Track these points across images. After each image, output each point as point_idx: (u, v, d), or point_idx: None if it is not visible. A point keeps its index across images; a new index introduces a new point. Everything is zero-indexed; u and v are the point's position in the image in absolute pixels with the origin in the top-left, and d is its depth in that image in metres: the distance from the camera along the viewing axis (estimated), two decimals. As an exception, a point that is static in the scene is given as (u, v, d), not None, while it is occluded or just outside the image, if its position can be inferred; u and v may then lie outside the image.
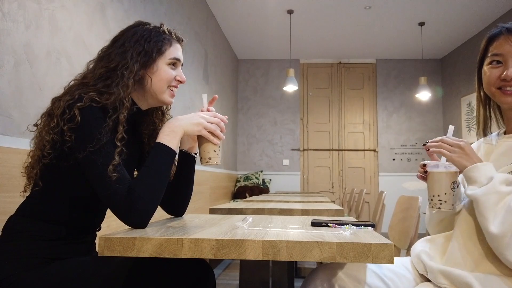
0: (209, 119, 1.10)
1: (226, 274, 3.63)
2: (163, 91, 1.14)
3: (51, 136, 1.00)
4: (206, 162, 1.11)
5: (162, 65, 1.13)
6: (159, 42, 1.12)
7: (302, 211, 1.73)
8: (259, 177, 6.06)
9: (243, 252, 0.77)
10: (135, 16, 2.70)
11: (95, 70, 1.08)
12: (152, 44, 1.10)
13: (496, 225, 0.90)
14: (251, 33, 5.58)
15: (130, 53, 1.08)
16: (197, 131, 1.08)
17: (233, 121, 6.26)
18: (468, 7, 4.74)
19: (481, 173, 0.96)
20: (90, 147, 0.95)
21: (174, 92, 1.18)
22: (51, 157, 1.01)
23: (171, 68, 1.15)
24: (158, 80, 1.12)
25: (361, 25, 5.29)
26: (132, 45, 1.09)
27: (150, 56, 1.10)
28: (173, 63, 1.16)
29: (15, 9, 1.59)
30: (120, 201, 0.94)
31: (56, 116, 0.99)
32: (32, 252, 1.01)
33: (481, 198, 0.93)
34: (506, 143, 1.07)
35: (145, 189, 0.96)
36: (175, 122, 1.07)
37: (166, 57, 1.13)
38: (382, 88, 6.57)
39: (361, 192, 3.41)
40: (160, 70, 1.12)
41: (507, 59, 1.01)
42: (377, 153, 6.46)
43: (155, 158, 1.01)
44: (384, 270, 1.13)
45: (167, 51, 1.14)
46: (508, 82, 1.01)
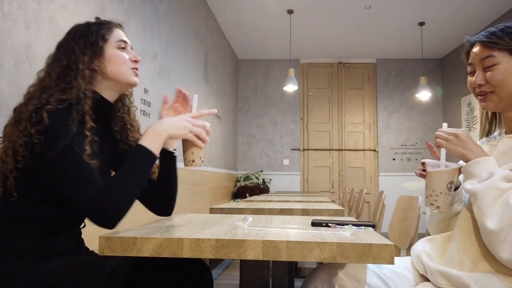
0: (194, 122, 1.10)
1: (226, 274, 3.63)
2: (124, 73, 1.16)
3: (23, 139, 1.01)
4: (190, 164, 1.10)
5: (111, 51, 1.15)
6: (100, 31, 1.15)
7: (302, 211, 1.73)
8: (259, 177, 6.06)
9: (243, 252, 0.77)
10: (135, 16, 2.70)
11: (51, 73, 1.10)
12: (94, 34, 1.14)
13: (493, 221, 0.90)
14: (251, 33, 5.58)
15: (77, 48, 1.11)
16: (183, 134, 1.08)
17: (233, 121, 6.26)
18: (468, 7, 4.74)
19: (482, 167, 0.96)
20: (60, 147, 0.95)
21: (136, 72, 1.20)
22: (28, 159, 1.01)
23: (121, 51, 1.18)
24: (113, 65, 1.15)
25: (361, 25, 5.29)
26: (76, 41, 1.13)
27: (96, 45, 1.12)
28: (121, 46, 1.18)
29: (15, 9, 1.59)
30: (92, 201, 0.93)
31: (24, 119, 1.00)
32: (17, 252, 1.01)
33: (480, 193, 0.93)
34: (507, 143, 1.07)
35: (120, 192, 0.95)
36: (160, 125, 1.07)
37: (111, 42, 1.16)
38: (382, 88, 6.57)
39: (361, 192, 3.41)
40: (112, 55, 1.15)
41: (474, 68, 1.08)
42: (377, 153, 6.46)
43: (134, 160, 1.01)
44: (384, 270, 1.13)
45: (111, 37, 1.16)
46: (480, 89, 1.06)
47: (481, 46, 1.06)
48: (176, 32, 3.53)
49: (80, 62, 1.09)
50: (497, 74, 1.02)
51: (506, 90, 1.02)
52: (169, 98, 1.26)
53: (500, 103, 1.05)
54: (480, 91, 1.07)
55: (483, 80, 1.05)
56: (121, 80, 1.16)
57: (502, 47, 1.02)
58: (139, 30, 2.76)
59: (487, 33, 1.05)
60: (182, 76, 3.71)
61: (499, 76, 1.02)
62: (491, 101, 1.05)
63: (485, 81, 1.04)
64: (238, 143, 6.54)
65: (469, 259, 1.00)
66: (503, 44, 1.02)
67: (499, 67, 1.02)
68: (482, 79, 1.05)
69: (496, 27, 1.05)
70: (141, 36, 2.79)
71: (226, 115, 5.67)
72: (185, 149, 1.12)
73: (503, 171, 0.94)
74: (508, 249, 0.88)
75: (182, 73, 3.71)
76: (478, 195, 0.94)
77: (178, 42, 3.60)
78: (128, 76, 1.17)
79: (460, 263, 1.01)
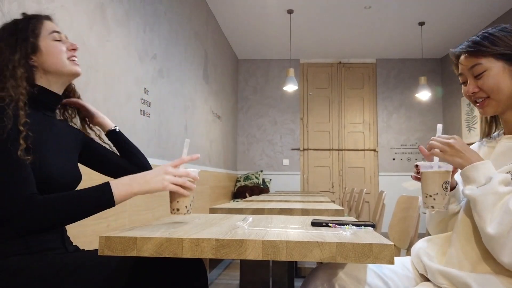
0: (175, 172, 1.03)
1: (226, 274, 3.63)
2: (63, 65, 1.16)
3: None
4: (174, 213, 1.03)
5: (46, 43, 1.14)
6: (30, 26, 1.14)
7: (302, 211, 1.73)
8: (259, 177, 6.06)
9: (243, 252, 0.77)
10: (135, 16, 2.70)
11: None
12: (24, 31, 1.13)
13: (493, 226, 0.90)
14: (251, 33, 5.58)
15: (6, 48, 1.10)
16: (161, 188, 1.01)
17: (233, 121, 6.26)
18: (468, 7, 4.74)
19: (479, 172, 0.96)
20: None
21: (75, 61, 1.19)
22: None
23: (57, 42, 1.16)
24: (51, 57, 1.14)
25: (361, 25, 5.29)
26: (5, 40, 1.12)
27: (27, 41, 1.12)
28: (56, 38, 1.17)
29: (15, 9, 1.59)
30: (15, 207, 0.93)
31: None
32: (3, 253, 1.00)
33: (479, 199, 0.93)
34: (505, 144, 1.08)
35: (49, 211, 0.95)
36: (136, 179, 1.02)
37: (44, 35, 1.15)
38: (382, 88, 6.57)
39: (361, 192, 3.41)
40: (47, 48, 1.14)
41: (466, 78, 1.10)
42: (377, 153, 6.46)
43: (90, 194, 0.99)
44: (384, 270, 1.13)
45: (43, 30, 1.16)
46: (475, 96, 1.08)
47: (467, 56, 1.08)
48: (176, 32, 3.53)
49: (11, 62, 1.08)
50: (488, 80, 1.04)
51: (501, 93, 1.03)
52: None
53: (498, 107, 1.06)
54: (475, 98, 1.08)
55: (476, 88, 1.06)
56: (62, 71, 1.16)
57: (487, 53, 1.04)
58: (139, 30, 2.76)
59: (470, 42, 1.07)
60: (182, 76, 3.71)
61: (491, 82, 1.04)
62: (489, 106, 1.06)
63: (478, 88, 1.06)
64: (238, 143, 6.54)
65: (469, 261, 1.00)
66: (487, 50, 1.03)
67: (489, 73, 1.04)
68: (475, 87, 1.06)
69: (477, 35, 1.07)
70: (141, 36, 2.79)
71: (226, 115, 5.67)
72: (171, 198, 1.04)
73: (501, 175, 0.94)
74: (509, 254, 0.88)
75: (182, 73, 3.71)
76: (477, 201, 0.93)
77: (178, 42, 3.60)
78: (67, 67, 1.16)
79: (460, 265, 1.01)
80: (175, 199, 1.03)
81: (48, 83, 1.16)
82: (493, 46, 1.03)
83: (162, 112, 3.18)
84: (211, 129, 4.78)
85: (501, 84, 1.03)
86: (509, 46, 1.02)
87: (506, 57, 1.02)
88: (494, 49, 1.03)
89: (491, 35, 1.04)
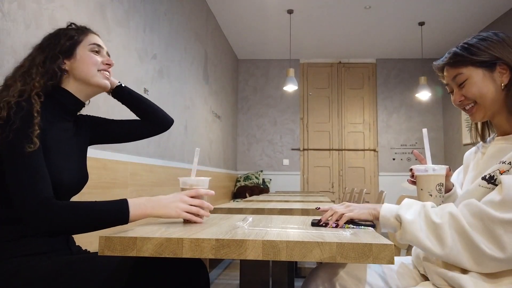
0: (190, 201, 1.04)
1: (226, 274, 3.63)
2: (94, 75, 1.18)
3: None
4: None
5: (83, 52, 1.17)
6: (73, 35, 1.17)
7: (302, 211, 1.73)
8: (259, 177, 6.06)
9: (243, 252, 0.77)
10: (135, 16, 2.70)
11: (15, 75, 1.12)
12: (62, 36, 1.16)
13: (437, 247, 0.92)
14: (251, 33, 5.58)
15: (47, 50, 1.14)
16: (174, 216, 1.03)
17: (233, 121, 6.26)
18: (468, 7, 4.74)
19: (389, 217, 1.01)
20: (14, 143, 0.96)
21: (106, 75, 1.22)
22: None
23: (94, 54, 1.19)
24: (84, 65, 1.17)
25: (361, 25, 5.29)
26: (48, 43, 1.15)
27: (63, 45, 1.15)
28: (95, 49, 1.20)
29: (15, 9, 1.59)
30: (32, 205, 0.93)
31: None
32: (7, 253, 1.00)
33: (408, 238, 0.95)
34: (496, 146, 1.10)
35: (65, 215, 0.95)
36: (152, 202, 1.03)
37: (85, 44, 1.18)
38: (382, 88, 6.57)
39: (361, 192, 3.41)
40: (83, 57, 1.17)
41: (452, 88, 1.15)
42: (377, 153, 6.46)
43: (106, 208, 0.98)
44: (385, 269, 1.13)
45: (85, 39, 1.19)
46: (462, 104, 1.12)
47: (448, 68, 1.13)
48: (176, 32, 3.53)
49: (34, 61, 1.11)
50: (471, 88, 1.08)
51: (485, 98, 1.07)
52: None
53: (485, 112, 1.09)
54: (464, 105, 1.13)
55: (461, 96, 1.11)
56: (90, 81, 1.18)
57: (466, 63, 1.09)
58: (139, 30, 2.76)
59: (450, 54, 1.13)
60: (182, 76, 3.71)
61: (473, 89, 1.08)
62: (478, 112, 1.10)
63: (463, 97, 1.11)
64: (238, 143, 6.54)
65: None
66: (465, 60, 1.09)
67: (470, 81, 1.08)
68: (460, 96, 1.11)
69: (456, 47, 1.13)
70: (141, 36, 2.79)
71: (226, 115, 5.67)
72: (184, 220, 1.08)
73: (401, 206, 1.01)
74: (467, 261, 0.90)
75: (182, 73, 3.71)
76: (411, 241, 0.96)
77: (178, 42, 3.60)
78: (97, 78, 1.18)
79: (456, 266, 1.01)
80: (187, 221, 1.07)
81: (75, 89, 1.18)
82: (471, 56, 1.08)
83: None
84: (211, 129, 4.78)
85: (483, 90, 1.07)
86: (486, 54, 1.07)
87: (484, 64, 1.07)
88: (472, 58, 1.08)
89: (469, 45, 1.10)
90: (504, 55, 1.05)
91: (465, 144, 5.69)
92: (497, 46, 1.06)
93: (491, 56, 1.06)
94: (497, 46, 1.07)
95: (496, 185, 0.96)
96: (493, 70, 1.06)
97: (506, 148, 1.05)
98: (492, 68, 1.06)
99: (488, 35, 1.10)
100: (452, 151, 6.17)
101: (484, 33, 1.11)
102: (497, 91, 1.06)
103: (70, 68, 1.16)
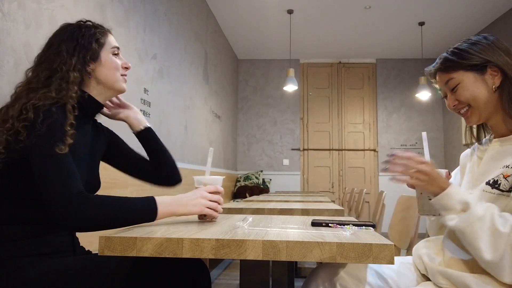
0: (210, 197, 1.08)
1: (226, 274, 3.63)
2: (117, 79, 1.18)
3: (5, 137, 1.00)
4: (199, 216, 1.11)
5: (107, 56, 1.17)
6: (94, 34, 1.16)
7: (302, 211, 1.73)
8: (259, 177, 6.06)
9: (243, 252, 0.77)
10: (135, 16, 2.70)
11: (39, 74, 1.11)
12: (87, 37, 1.14)
13: (487, 252, 0.91)
14: (251, 33, 5.58)
15: (65, 50, 1.11)
16: (198, 211, 1.07)
17: (233, 121, 6.26)
18: (468, 7, 4.74)
19: (453, 200, 0.97)
20: (43, 143, 0.96)
21: (125, 78, 1.22)
22: (4, 157, 1.01)
23: (115, 57, 1.19)
24: (108, 70, 1.17)
25: (361, 25, 5.29)
26: (66, 42, 1.13)
27: (89, 48, 1.13)
28: (115, 52, 1.20)
29: (15, 9, 1.59)
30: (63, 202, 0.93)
31: (12, 117, 1.01)
32: (12, 252, 1.01)
33: (466, 230, 0.94)
34: (495, 148, 1.10)
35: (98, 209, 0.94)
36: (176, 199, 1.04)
37: (107, 47, 1.18)
38: (382, 88, 6.57)
39: (361, 192, 3.41)
40: (107, 61, 1.17)
41: (445, 93, 1.16)
42: (377, 153, 6.46)
43: (135, 205, 0.99)
44: (385, 269, 1.13)
45: (106, 42, 1.18)
46: (457, 108, 1.13)
47: (440, 73, 1.14)
48: (176, 32, 3.53)
49: (67, 65, 1.09)
50: (463, 92, 1.09)
51: (478, 101, 1.08)
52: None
53: (481, 114, 1.10)
54: (458, 109, 1.13)
55: (454, 101, 1.12)
56: (112, 86, 1.18)
57: (457, 68, 1.09)
58: (139, 30, 2.76)
59: (440, 60, 1.14)
60: (182, 76, 3.71)
61: (465, 93, 1.09)
62: (472, 115, 1.11)
63: (457, 101, 1.12)
64: (238, 143, 6.54)
65: (468, 259, 1.00)
66: (455, 65, 1.10)
67: (462, 85, 1.09)
68: (454, 100, 1.12)
69: (446, 51, 1.14)
70: (141, 36, 2.79)
71: (226, 115, 5.67)
72: (199, 216, 1.13)
73: (473, 197, 0.98)
74: (509, 274, 0.89)
75: (182, 73, 3.71)
76: (465, 232, 0.94)
77: (178, 42, 3.60)
78: (119, 82, 1.19)
79: (459, 263, 1.01)
80: (203, 218, 1.10)
81: (96, 92, 1.18)
82: (461, 60, 1.09)
83: (162, 112, 3.18)
84: (211, 129, 4.78)
85: (475, 93, 1.08)
86: (476, 57, 1.07)
87: (475, 68, 1.08)
88: (462, 62, 1.08)
89: (459, 50, 1.10)
90: (494, 58, 1.06)
91: (465, 145, 5.66)
92: (487, 50, 1.07)
93: (481, 59, 1.07)
94: (487, 49, 1.07)
95: (501, 190, 0.96)
96: (484, 73, 1.07)
97: (506, 151, 1.05)
98: (483, 71, 1.07)
99: (478, 39, 1.10)
100: (452, 151, 6.17)
101: (474, 37, 1.12)
102: (490, 93, 1.07)
103: (94, 71, 1.15)
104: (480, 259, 0.93)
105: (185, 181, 1.45)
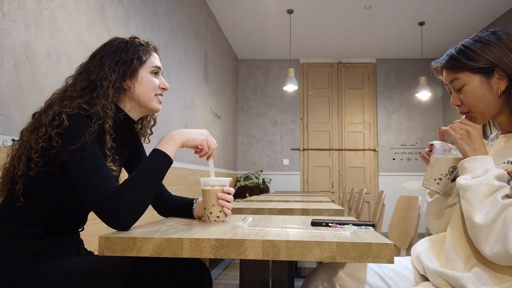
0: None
1: (226, 274, 3.63)
2: (151, 99, 1.18)
3: (40, 144, 1.01)
4: (207, 218, 1.11)
5: (145, 74, 1.16)
6: (137, 52, 1.16)
7: (302, 211, 1.73)
8: (259, 177, 6.06)
9: (243, 252, 0.77)
10: (135, 16, 2.70)
11: (76, 84, 1.11)
12: (130, 53, 1.14)
13: (481, 215, 0.91)
14: (251, 33, 5.58)
15: (107, 64, 1.11)
16: (200, 140, 1.10)
17: (233, 121, 6.26)
18: (468, 7, 4.74)
19: (477, 165, 0.98)
20: (76, 149, 0.96)
21: (160, 99, 1.21)
22: (40, 165, 1.02)
23: (153, 77, 1.18)
24: (144, 89, 1.16)
25: (361, 25, 5.29)
26: (109, 56, 1.13)
27: (129, 65, 1.13)
28: (155, 71, 1.19)
29: (15, 9, 1.59)
30: (105, 204, 0.93)
31: (45, 124, 1.01)
32: (16, 252, 1.01)
33: (472, 188, 0.95)
34: (500, 143, 1.10)
35: (132, 194, 0.94)
36: (176, 131, 1.08)
37: (147, 66, 1.17)
38: (382, 88, 6.57)
39: (361, 192, 3.41)
40: (144, 79, 1.16)
41: (449, 89, 1.14)
42: (377, 152, 6.46)
43: (149, 163, 1.01)
44: (385, 270, 1.13)
45: (148, 60, 1.18)
46: (460, 109, 1.12)
47: (446, 71, 1.12)
48: (176, 32, 3.53)
49: (106, 80, 1.09)
50: (468, 95, 1.08)
51: (481, 106, 1.07)
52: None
53: (483, 118, 1.10)
54: (461, 111, 1.12)
55: (459, 101, 1.11)
56: (146, 104, 1.17)
57: (464, 68, 1.07)
58: (139, 30, 2.76)
59: (447, 57, 1.11)
60: (182, 76, 3.71)
61: (470, 97, 1.07)
62: (475, 119, 1.10)
63: (461, 102, 1.10)
64: (238, 143, 6.54)
65: (463, 254, 1.01)
66: (462, 65, 1.07)
67: (467, 88, 1.07)
68: (458, 100, 1.11)
69: (454, 48, 1.10)
70: (141, 36, 2.78)
71: (226, 115, 5.67)
72: (204, 201, 1.12)
73: (498, 170, 0.96)
74: (492, 244, 0.89)
75: (182, 73, 3.71)
76: (470, 189, 0.95)
77: (178, 42, 3.60)
78: (152, 102, 1.18)
79: (455, 259, 1.01)
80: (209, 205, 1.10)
81: (129, 108, 1.17)
82: (468, 61, 1.06)
83: (162, 112, 3.18)
84: (211, 129, 4.78)
85: (478, 98, 1.06)
86: (484, 59, 1.05)
87: (481, 71, 1.05)
88: (469, 64, 1.06)
89: (466, 49, 1.07)
90: (502, 61, 1.03)
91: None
92: (495, 49, 1.04)
93: (488, 62, 1.04)
94: (494, 49, 1.04)
95: None
96: (491, 77, 1.05)
97: (510, 147, 1.05)
98: (490, 75, 1.05)
99: (486, 35, 1.07)
100: (452, 151, 6.16)
101: (482, 33, 1.09)
102: (495, 98, 1.05)
103: (129, 88, 1.14)
104: (470, 219, 0.94)
105: (186, 181, 1.46)
